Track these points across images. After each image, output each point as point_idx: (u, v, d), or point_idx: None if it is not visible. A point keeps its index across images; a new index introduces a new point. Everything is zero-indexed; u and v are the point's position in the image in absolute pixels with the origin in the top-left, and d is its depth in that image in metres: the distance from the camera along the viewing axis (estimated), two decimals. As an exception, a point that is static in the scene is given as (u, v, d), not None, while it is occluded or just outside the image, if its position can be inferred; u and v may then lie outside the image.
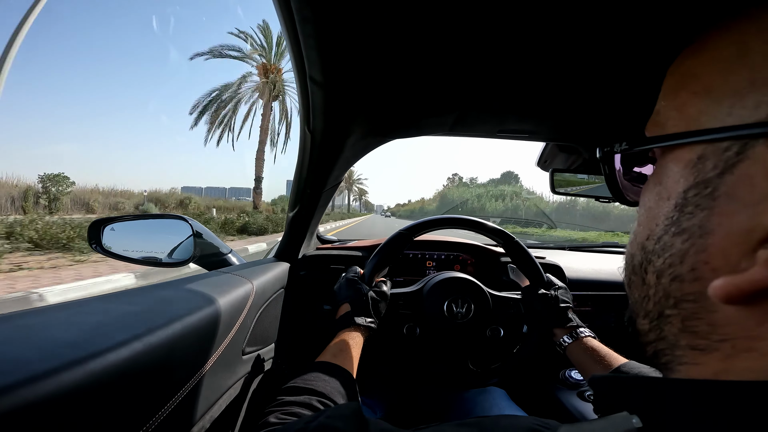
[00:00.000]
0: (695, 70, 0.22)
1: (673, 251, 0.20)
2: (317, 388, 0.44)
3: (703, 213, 0.19)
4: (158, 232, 0.86)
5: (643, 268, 0.23)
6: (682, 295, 0.20)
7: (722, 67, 0.20)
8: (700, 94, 0.21)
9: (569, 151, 0.81)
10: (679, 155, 0.21)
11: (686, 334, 0.20)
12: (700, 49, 0.22)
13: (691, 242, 0.19)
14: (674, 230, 0.20)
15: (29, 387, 0.23)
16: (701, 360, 0.20)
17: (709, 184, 0.19)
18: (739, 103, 0.18)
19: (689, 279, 0.20)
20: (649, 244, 0.22)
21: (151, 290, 0.47)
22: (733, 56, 0.19)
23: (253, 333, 0.63)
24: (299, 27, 0.33)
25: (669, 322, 0.21)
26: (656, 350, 0.22)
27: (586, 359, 0.59)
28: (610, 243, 1.46)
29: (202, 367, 0.44)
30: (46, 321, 0.33)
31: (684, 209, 0.20)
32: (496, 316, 0.78)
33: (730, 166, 0.18)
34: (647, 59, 0.37)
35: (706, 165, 0.19)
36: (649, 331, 0.23)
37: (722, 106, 0.19)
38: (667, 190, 0.22)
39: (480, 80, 0.45)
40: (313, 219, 0.88)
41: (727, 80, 0.19)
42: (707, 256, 0.19)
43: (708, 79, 0.20)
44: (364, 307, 0.65)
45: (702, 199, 0.19)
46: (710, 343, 0.19)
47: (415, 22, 0.33)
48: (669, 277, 0.21)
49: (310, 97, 0.46)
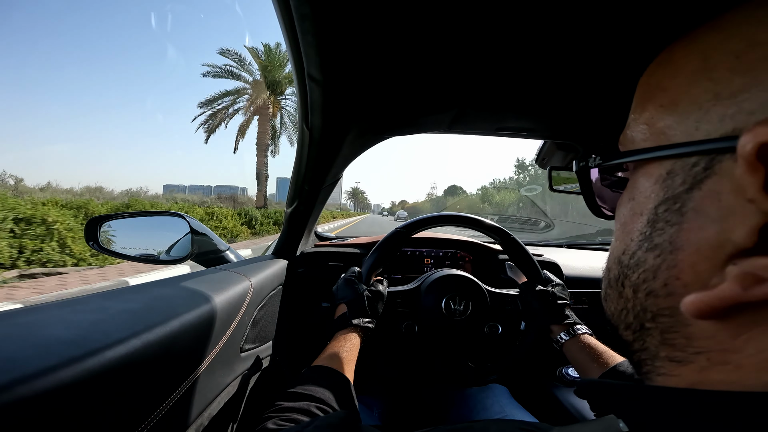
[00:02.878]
0: (662, 83, 0.21)
1: (647, 266, 0.20)
2: (315, 393, 0.44)
3: (672, 229, 0.19)
4: (156, 229, 0.86)
5: (620, 282, 0.23)
6: (657, 310, 0.20)
7: (687, 80, 0.20)
8: (667, 107, 0.20)
9: (567, 149, 0.81)
10: (650, 170, 0.21)
11: (665, 346, 0.20)
12: (667, 61, 0.22)
13: (662, 258, 0.19)
14: (647, 246, 0.20)
15: (27, 384, 0.23)
16: (677, 371, 0.20)
17: (677, 200, 0.19)
18: (705, 117, 0.18)
19: (663, 294, 0.20)
20: (624, 258, 0.22)
21: (149, 288, 0.47)
22: (697, 68, 0.19)
23: (251, 330, 0.63)
24: (297, 24, 0.33)
25: (650, 334, 0.21)
26: (639, 359, 0.23)
27: (583, 356, 0.59)
28: (607, 241, 1.47)
29: (201, 364, 0.44)
30: (44, 319, 0.33)
31: (655, 225, 0.20)
32: (494, 313, 0.79)
33: (698, 181, 0.18)
34: (644, 52, 0.37)
35: (675, 180, 0.19)
36: (633, 342, 0.23)
37: (689, 120, 0.19)
38: (639, 206, 0.22)
39: (478, 78, 0.45)
40: (311, 216, 0.88)
41: (691, 93, 0.19)
42: (678, 272, 0.19)
43: (674, 93, 0.20)
44: (361, 308, 0.65)
45: (671, 214, 0.19)
46: (686, 356, 0.19)
47: (413, 20, 0.33)
48: (644, 292, 0.21)
49: (309, 95, 0.45)
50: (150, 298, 0.43)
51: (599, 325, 0.70)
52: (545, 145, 0.85)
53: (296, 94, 0.47)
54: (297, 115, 0.54)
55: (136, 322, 0.35)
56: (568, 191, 0.73)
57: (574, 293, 1.00)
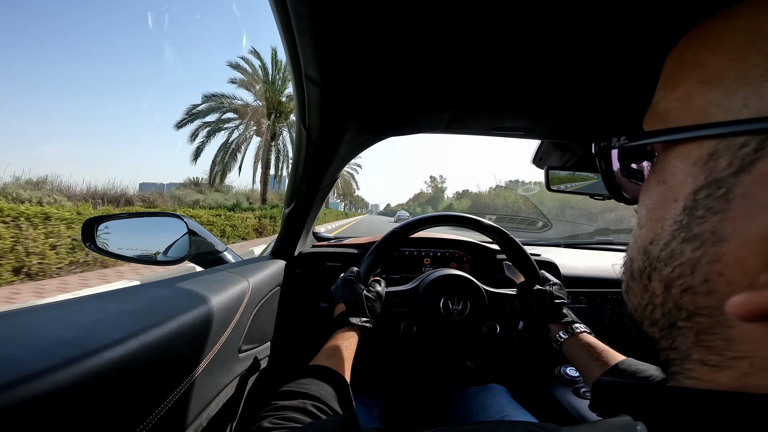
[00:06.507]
0: (700, 58, 0.19)
1: (683, 260, 0.18)
2: (311, 392, 0.44)
3: (716, 217, 0.17)
4: (153, 230, 0.85)
5: (646, 274, 0.21)
6: (695, 309, 0.18)
7: (733, 54, 0.18)
8: (708, 83, 0.18)
9: (564, 149, 0.81)
10: (686, 151, 0.19)
11: (700, 348, 0.18)
12: (704, 35, 0.20)
13: (702, 250, 0.17)
14: (683, 236, 0.18)
15: (25, 386, 0.23)
16: (711, 377, 0.18)
17: (722, 185, 0.17)
18: (756, 93, 0.16)
19: (702, 291, 0.18)
20: (653, 249, 0.20)
21: (147, 289, 0.47)
22: (745, 43, 0.17)
23: (250, 331, 0.63)
24: (294, 24, 0.33)
25: (682, 333, 0.19)
26: (668, 359, 0.21)
27: (583, 355, 0.59)
28: (605, 240, 1.48)
29: (199, 365, 0.44)
30: (42, 319, 0.33)
31: (694, 212, 0.18)
32: (492, 312, 0.79)
33: (747, 164, 0.16)
34: (643, 50, 0.36)
35: (719, 163, 0.17)
36: (660, 339, 0.21)
37: (736, 97, 0.17)
38: (673, 191, 0.19)
39: (476, 77, 0.46)
40: (309, 216, 0.87)
41: (739, 69, 0.17)
42: (721, 267, 0.17)
43: (716, 68, 0.18)
44: (359, 307, 0.65)
45: (715, 201, 0.17)
46: (724, 360, 0.17)
47: (411, 19, 0.33)
48: (679, 288, 0.19)
49: (306, 95, 0.45)
50: (148, 299, 0.43)
51: (597, 324, 0.71)
52: (542, 144, 0.85)
53: (293, 94, 0.47)
54: (295, 117, 0.54)
55: (134, 323, 0.35)
56: (565, 191, 0.73)
57: (572, 293, 1.00)
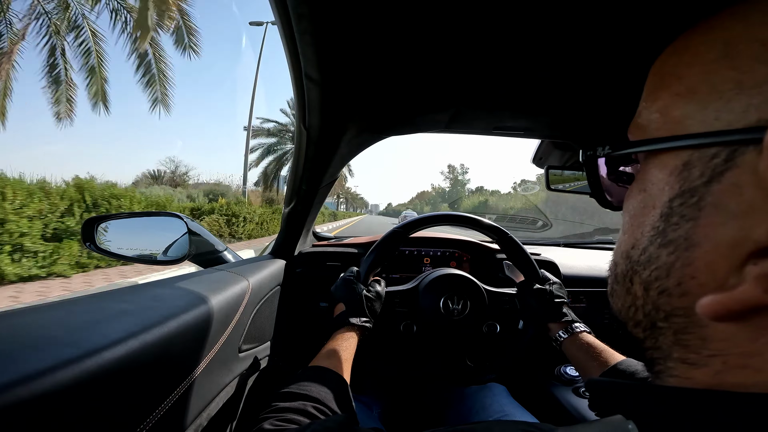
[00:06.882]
0: (678, 71, 0.20)
1: (659, 264, 0.19)
2: (312, 393, 0.44)
3: (688, 224, 0.18)
4: (153, 229, 0.85)
5: (628, 278, 0.22)
6: (671, 309, 0.19)
7: (707, 68, 0.19)
8: (684, 96, 0.19)
9: (564, 148, 0.81)
10: (664, 161, 0.20)
11: (678, 347, 0.19)
12: (683, 48, 0.21)
13: (676, 255, 0.18)
14: (660, 241, 0.19)
15: (24, 386, 0.23)
16: (690, 374, 0.19)
17: (695, 193, 0.18)
18: (727, 106, 0.17)
19: (677, 293, 0.19)
20: (634, 253, 0.21)
21: (147, 288, 0.47)
22: (718, 56, 0.18)
23: (250, 330, 0.63)
24: (295, 23, 0.33)
25: (662, 333, 0.20)
26: (652, 357, 0.22)
27: (582, 355, 0.59)
28: (605, 239, 1.48)
29: (199, 365, 0.44)
30: (41, 319, 0.33)
31: (670, 219, 0.19)
32: (492, 312, 0.79)
33: (717, 174, 0.17)
34: (642, 51, 0.37)
35: (692, 172, 0.18)
36: (645, 339, 0.22)
37: (708, 109, 0.18)
38: (652, 198, 0.20)
39: (476, 77, 0.46)
40: (309, 216, 0.87)
41: (712, 82, 0.18)
42: (693, 270, 0.18)
43: (692, 81, 0.19)
44: (359, 307, 0.65)
45: (688, 209, 0.18)
46: (700, 358, 0.18)
47: (411, 19, 0.33)
48: (656, 291, 0.20)
49: (306, 94, 0.45)
50: (147, 299, 0.43)
51: (597, 324, 0.71)
52: (542, 144, 0.85)
53: (293, 94, 0.47)
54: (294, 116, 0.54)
55: (133, 322, 0.35)
56: (565, 190, 0.73)
57: (572, 292, 1.00)
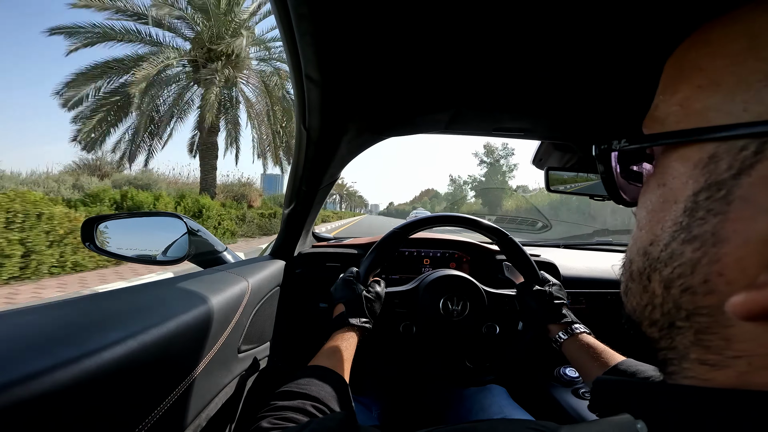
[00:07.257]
0: (699, 63, 0.20)
1: (683, 260, 0.19)
2: (310, 392, 0.44)
3: (716, 219, 0.17)
4: (152, 229, 0.85)
5: (645, 275, 0.21)
6: (694, 308, 0.18)
7: (732, 59, 0.18)
8: (707, 88, 0.19)
9: (564, 150, 0.81)
10: (686, 154, 0.19)
11: (698, 347, 0.19)
12: (704, 40, 0.20)
13: (703, 251, 0.18)
14: (684, 237, 0.19)
15: (24, 386, 0.23)
16: (709, 376, 0.18)
17: (722, 187, 0.17)
18: (755, 98, 0.17)
19: (702, 291, 0.18)
20: (653, 250, 0.21)
21: (146, 289, 0.47)
22: (743, 48, 0.18)
23: (249, 331, 0.63)
24: (295, 24, 0.33)
25: (681, 333, 0.20)
26: (665, 358, 0.21)
27: (583, 356, 0.59)
28: (604, 241, 1.48)
29: (198, 365, 0.44)
30: (41, 319, 0.33)
31: (694, 214, 0.18)
32: (492, 313, 0.79)
33: (747, 166, 0.16)
34: (644, 53, 0.36)
35: (719, 165, 0.17)
36: (659, 339, 0.21)
37: (735, 101, 0.17)
38: (673, 193, 0.20)
39: (476, 78, 0.46)
40: (309, 217, 0.87)
41: (738, 74, 0.18)
42: (721, 267, 0.17)
43: (716, 73, 0.19)
44: (359, 308, 0.65)
45: (715, 203, 0.17)
46: (722, 359, 0.18)
47: (412, 20, 0.33)
48: (679, 288, 0.19)
49: (306, 95, 0.45)
50: (147, 299, 0.43)
51: (597, 325, 0.71)
52: (542, 145, 0.85)
53: (293, 94, 0.47)
54: (294, 117, 0.54)
55: (133, 322, 0.35)
56: (565, 191, 0.73)
57: (572, 293, 1.00)
